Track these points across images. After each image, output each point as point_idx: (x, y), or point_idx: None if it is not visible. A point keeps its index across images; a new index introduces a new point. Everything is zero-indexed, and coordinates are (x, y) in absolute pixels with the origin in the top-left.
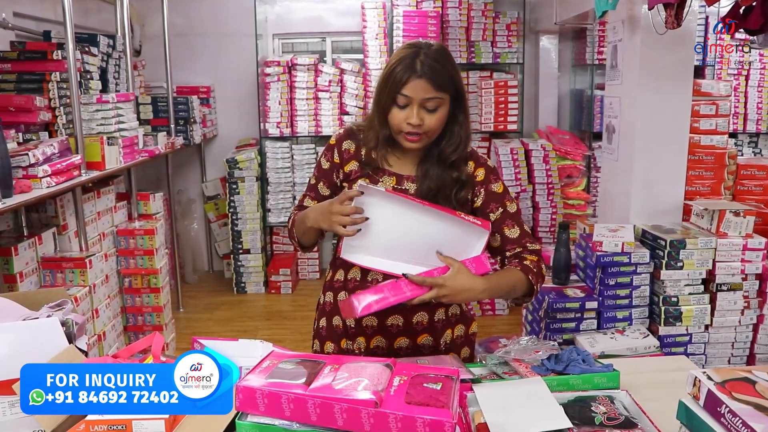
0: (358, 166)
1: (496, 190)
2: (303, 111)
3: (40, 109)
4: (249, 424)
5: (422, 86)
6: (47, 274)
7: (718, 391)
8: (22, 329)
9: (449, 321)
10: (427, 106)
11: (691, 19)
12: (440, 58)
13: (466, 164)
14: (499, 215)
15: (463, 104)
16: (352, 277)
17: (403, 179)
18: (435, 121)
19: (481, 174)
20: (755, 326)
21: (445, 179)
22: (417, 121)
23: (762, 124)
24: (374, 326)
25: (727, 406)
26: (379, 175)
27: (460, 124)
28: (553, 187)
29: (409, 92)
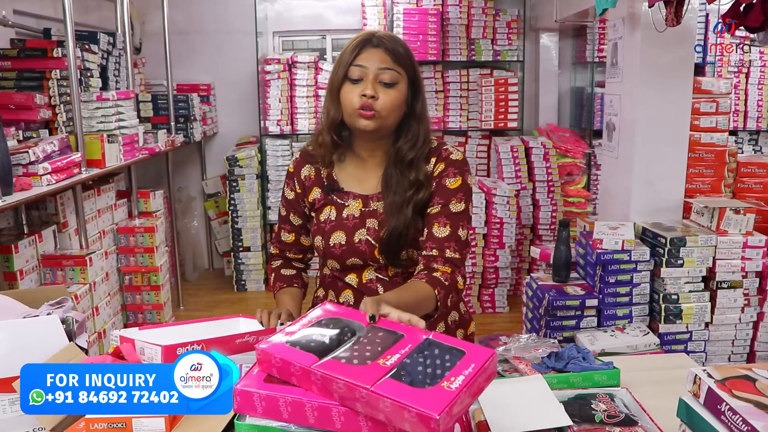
0: (321, 193)
1: (448, 185)
2: (303, 108)
3: (40, 107)
4: (247, 425)
5: (379, 56)
6: (47, 271)
7: (718, 388)
8: (23, 327)
9: (449, 329)
10: (383, 78)
11: (692, 16)
12: (397, 38)
13: (426, 163)
14: (437, 210)
15: (420, 93)
16: (344, 301)
17: (368, 200)
18: (390, 99)
19: (440, 168)
20: (755, 324)
21: (404, 184)
22: (371, 91)
23: (762, 121)
24: None
25: (728, 404)
26: (345, 199)
27: (417, 117)
28: (553, 185)
29: (363, 61)
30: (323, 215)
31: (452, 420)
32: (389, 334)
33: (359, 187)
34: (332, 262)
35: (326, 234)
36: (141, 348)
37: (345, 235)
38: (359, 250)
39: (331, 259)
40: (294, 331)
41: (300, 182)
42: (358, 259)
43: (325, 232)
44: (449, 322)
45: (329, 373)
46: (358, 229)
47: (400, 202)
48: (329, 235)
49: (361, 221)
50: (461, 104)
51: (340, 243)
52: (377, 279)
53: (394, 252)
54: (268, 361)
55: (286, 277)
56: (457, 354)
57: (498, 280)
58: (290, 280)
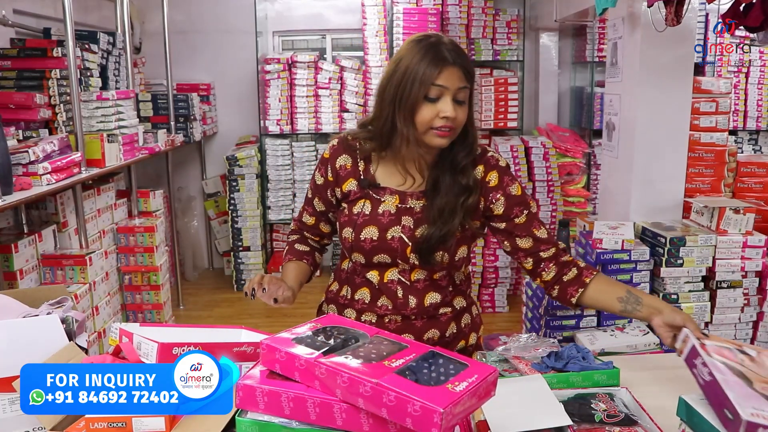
0: (356, 185)
1: (515, 192)
2: (303, 108)
3: (40, 107)
4: (249, 420)
5: (456, 75)
6: (47, 271)
7: (701, 348)
8: (22, 326)
9: (462, 332)
10: (459, 97)
11: (691, 16)
12: (462, 51)
13: (474, 168)
14: (525, 218)
15: (472, 100)
16: (359, 298)
17: (406, 197)
18: (465, 116)
19: (494, 178)
20: (755, 323)
21: (454, 189)
22: (451, 112)
23: (762, 121)
24: None
25: (702, 358)
26: (381, 194)
27: (471, 122)
28: (553, 185)
29: (444, 81)
30: (357, 208)
31: (454, 419)
32: (394, 344)
33: (397, 184)
34: (358, 256)
35: (358, 227)
36: (138, 343)
37: (377, 231)
38: (390, 247)
39: (358, 253)
40: (300, 332)
41: (334, 170)
42: (387, 256)
43: (357, 225)
44: (462, 325)
45: (335, 366)
46: (393, 225)
47: (452, 206)
48: (361, 229)
49: (396, 218)
50: None
51: (372, 238)
52: (398, 281)
53: (430, 252)
54: (272, 355)
55: (298, 252)
56: (461, 366)
57: (498, 280)
58: (301, 256)
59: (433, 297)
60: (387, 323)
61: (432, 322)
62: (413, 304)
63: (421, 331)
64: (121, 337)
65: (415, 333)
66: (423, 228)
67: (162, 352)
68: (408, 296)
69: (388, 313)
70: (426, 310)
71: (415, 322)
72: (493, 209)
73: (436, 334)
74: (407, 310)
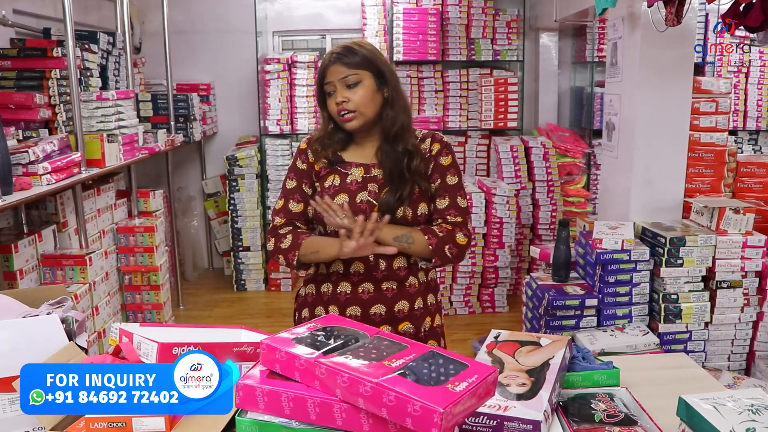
0: (326, 164)
1: (442, 162)
2: (303, 108)
3: (40, 107)
4: (249, 420)
5: (335, 69)
6: (47, 271)
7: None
8: (22, 326)
9: (428, 310)
10: (347, 82)
11: (691, 16)
12: (352, 46)
13: (411, 136)
14: (437, 186)
15: (386, 81)
16: (334, 270)
17: (369, 167)
18: (359, 96)
19: (436, 148)
20: (755, 323)
21: (396, 154)
22: (340, 98)
23: (762, 121)
24: (358, 316)
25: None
26: (348, 168)
27: (389, 102)
28: (553, 185)
29: (329, 77)
30: (327, 182)
31: (453, 420)
32: (394, 344)
33: (359, 158)
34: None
35: (331, 197)
36: (138, 343)
37: (348, 197)
38: (360, 209)
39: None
40: (300, 332)
41: (313, 152)
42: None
43: (330, 195)
44: (428, 303)
45: (335, 365)
46: (361, 191)
47: (399, 169)
48: (333, 198)
49: (363, 185)
50: (461, 104)
51: (342, 204)
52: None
53: (392, 208)
54: (272, 355)
55: (303, 231)
56: (461, 366)
57: (498, 280)
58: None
59: (401, 261)
60: (360, 293)
61: (401, 291)
62: (383, 267)
63: (392, 301)
64: (121, 337)
65: (386, 303)
66: (386, 190)
67: (162, 352)
68: (378, 259)
69: (361, 280)
70: (395, 273)
71: (386, 291)
72: (428, 172)
73: (406, 306)
74: (378, 272)
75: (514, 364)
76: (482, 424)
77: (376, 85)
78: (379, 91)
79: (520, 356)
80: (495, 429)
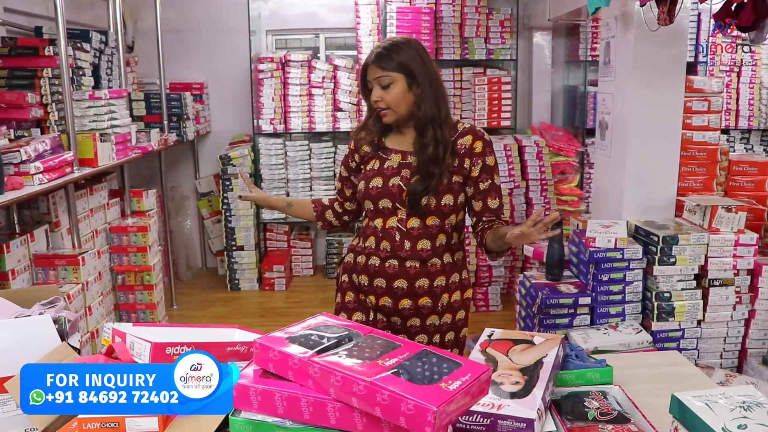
0: (371, 149)
1: (489, 163)
2: (296, 107)
3: (31, 106)
4: (242, 420)
5: (373, 69)
6: (39, 271)
7: (479, 345)
8: (15, 327)
9: (448, 287)
10: (381, 83)
11: (684, 15)
12: (389, 47)
13: (443, 130)
14: (487, 186)
15: (417, 81)
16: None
17: (406, 154)
18: (391, 96)
19: (479, 147)
20: (747, 321)
21: (426, 147)
22: (375, 96)
23: (753, 120)
24: (383, 287)
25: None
26: (388, 154)
27: (418, 97)
28: (546, 184)
29: (369, 75)
30: (369, 165)
31: (447, 418)
32: (387, 342)
33: (399, 146)
34: (368, 203)
35: (368, 179)
36: (131, 343)
37: (382, 180)
38: (391, 193)
39: (368, 200)
40: (293, 331)
41: (355, 142)
42: (389, 200)
43: (368, 178)
44: (449, 281)
45: (328, 365)
46: (394, 176)
47: (428, 161)
48: (370, 180)
49: (398, 170)
50: (454, 103)
51: (377, 186)
52: (397, 228)
53: (418, 196)
54: (265, 354)
55: (317, 199)
56: (454, 364)
57: (491, 279)
58: (315, 201)
59: (425, 243)
60: (387, 268)
61: (423, 269)
62: (407, 247)
63: (414, 277)
64: (113, 337)
65: (408, 279)
66: (416, 178)
67: (155, 352)
68: (404, 240)
69: (388, 256)
70: (418, 253)
71: (409, 269)
72: (472, 171)
73: (426, 283)
74: (402, 252)
75: (508, 362)
76: (476, 422)
77: (407, 86)
78: (411, 91)
79: (514, 355)
80: (489, 427)
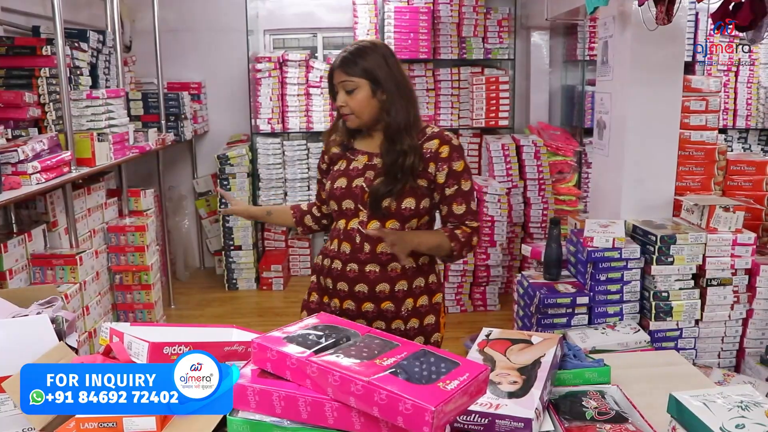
0: (339, 150)
1: (456, 168)
2: (294, 107)
3: (29, 105)
4: (240, 420)
5: (338, 74)
6: (37, 271)
7: (477, 345)
8: (12, 326)
9: (412, 292)
10: (346, 87)
11: (682, 15)
12: (355, 51)
13: (410, 136)
14: (453, 191)
15: (383, 87)
16: (333, 247)
17: (372, 156)
18: (355, 102)
19: (446, 151)
20: (744, 321)
21: (393, 152)
22: (340, 101)
23: (751, 119)
24: (345, 291)
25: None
26: (355, 154)
27: (384, 103)
28: (544, 183)
29: (334, 80)
30: (336, 166)
31: (445, 418)
32: (385, 342)
33: (367, 147)
34: (333, 203)
35: (334, 179)
36: (129, 342)
37: (347, 181)
38: (354, 194)
39: (332, 201)
40: (291, 330)
41: (325, 144)
42: (351, 201)
43: (334, 178)
44: (413, 285)
45: (326, 364)
46: (359, 177)
47: (393, 166)
48: (335, 180)
49: (362, 172)
50: (452, 102)
51: (341, 187)
52: (357, 229)
53: (380, 198)
54: (263, 354)
55: (295, 205)
56: (452, 364)
57: (489, 278)
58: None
59: (384, 246)
60: (348, 272)
61: (383, 274)
62: (367, 250)
63: (374, 282)
64: (111, 337)
65: (368, 283)
66: (379, 180)
67: (153, 352)
68: (364, 243)
69: (348, 260)
70: (377, 257)
71: (369, 273)
72: (438, 176)
73: (387, 287)
74: (362, 254)
75: (506, 362)
76: (474, 422)
77: (371, 92)
78: (375, 97)
79: (512, 354)
80: (486, 427)
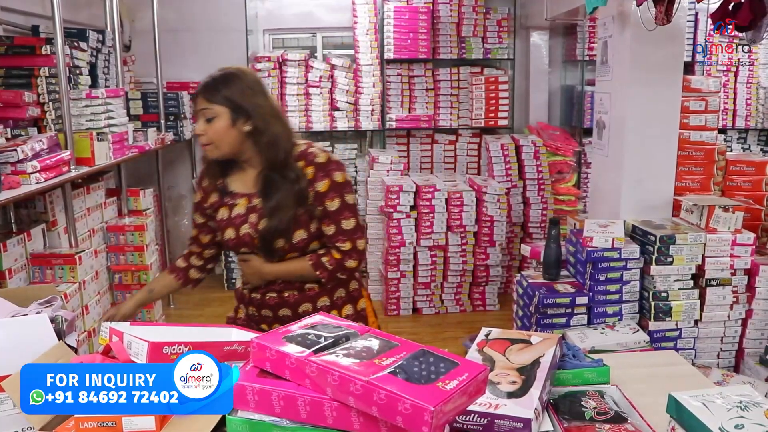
0: (218, 196)
1: (320, 189)
2: (293, 107)
3: (28, 105)
4: (239, 419)
5: (200, 100)
6: (36, 270)
7: (476, 345)
8: (11, 326)
9: (335, 304)
10: (205, 115)
11: (681, 15)
12: (218, 78)
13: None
14: (320, 212)
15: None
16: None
17: (251, 197)
18: (213, 131)
19: (311, 172)
20: (744, 321)
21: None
22: (199, 129)
23: (750, 120)
24: (270, 316)
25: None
26: (234, 199)
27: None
28: (543, 183)
29: (196, 106)
30: (219, 215)
31: (444, 418)
32: (385, 342)
33: (243, 187)
34: (231, 251)
35: (222, 230)
36: (128, 342)
37: (234, 231)
38: (245, 242)
39: (230, 250)
40: (291, 330)
41: (202, 189)
42: (247, 248)
43: (221, 229)
44: (335, 298)
45: (325, 364)
46: (244, 224)
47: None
48: (224, 232)
49: (245, 218)
50: (451, 102)
51: (231, 237)
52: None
53: (270, 241)
54: (262, 353)
55: (173, 266)
56: (451, 364)
57: (488, 278)
58: (173, 269)
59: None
60: (268, 300)
61: (302, 296)
62: (279, 282)
63: (295, 305)
64: (111, 336)
65: (290, 307)
66: (264, 221)
67: (152, 352)
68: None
69: (266, 291)
70: (291, 284)
71: (288, 297)
72: (308, 198)
73: (309, 307)
74: (276, 285)
75: (505, 362)
76: (473, 422)
77: (231, 122)
78: (235, 127)
79: (511, 354)
80: (486, 427)
